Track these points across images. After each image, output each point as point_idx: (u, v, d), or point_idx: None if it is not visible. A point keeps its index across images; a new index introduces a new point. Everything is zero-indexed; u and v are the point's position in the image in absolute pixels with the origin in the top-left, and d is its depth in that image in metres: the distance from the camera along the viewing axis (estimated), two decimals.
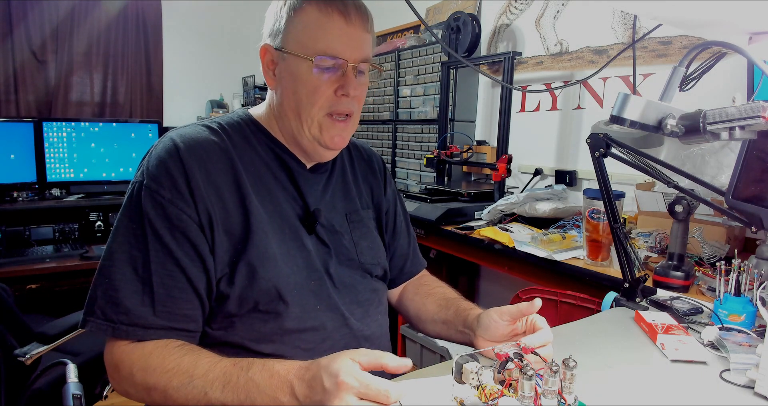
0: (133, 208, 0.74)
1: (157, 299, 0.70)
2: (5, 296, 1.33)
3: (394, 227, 1.04)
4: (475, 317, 0.84)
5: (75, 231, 2.64)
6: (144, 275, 0.71)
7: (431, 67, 2.67)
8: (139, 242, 0.72)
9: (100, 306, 0.70)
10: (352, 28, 0.78)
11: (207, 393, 0.63)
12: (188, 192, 0.73)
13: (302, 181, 0.86)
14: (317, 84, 0.78)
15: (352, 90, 0.79)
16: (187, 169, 0.74)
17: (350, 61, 0.78)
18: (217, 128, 0.82)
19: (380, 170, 1.04)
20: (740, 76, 1.46)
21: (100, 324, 0.70)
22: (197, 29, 3.62)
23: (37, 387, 1.33)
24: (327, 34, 0.77)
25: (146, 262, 0.71)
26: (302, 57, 0.77)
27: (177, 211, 0.72)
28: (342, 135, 0.83)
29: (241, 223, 0.77)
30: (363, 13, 0.80)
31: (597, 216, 1.40)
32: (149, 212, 0.72)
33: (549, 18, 2.29)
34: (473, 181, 2.63)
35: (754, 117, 0.72)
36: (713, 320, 0.97)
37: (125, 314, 0.69)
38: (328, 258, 0.86)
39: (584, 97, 2.14)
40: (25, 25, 2.98)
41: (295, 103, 0.80)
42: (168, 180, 0.73)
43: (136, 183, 0.76)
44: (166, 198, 0.72)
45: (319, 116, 0.80)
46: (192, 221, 0.73)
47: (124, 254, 0.72)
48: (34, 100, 3.08)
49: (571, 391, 0.61)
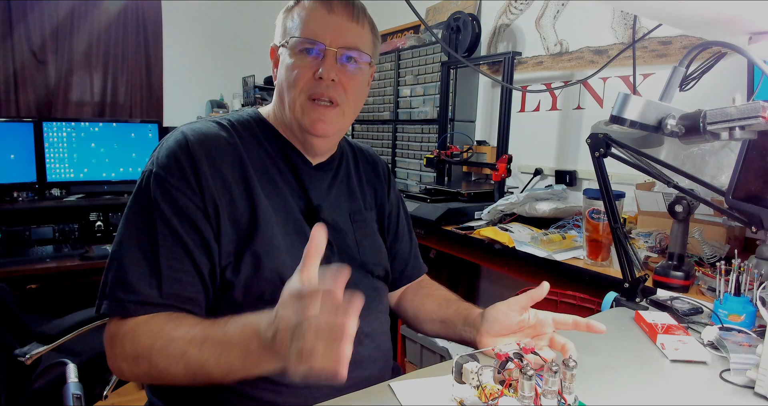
0: (142, 195, 0.76)
1: (164, 281, 0.72)
2: (5, 296, 1.33)
3: (396, 230, 1.05)
4: (478, 314, 0.85)
5: (75, 231, 2.64)
6: (152, 259, 0.73)
7: (431, 67, 2.67)
8: (147, 227, 0.74)
9: (111, 289, 0.72)
10: (334, 16, 0.82)
11: (185, 352, 0.64)
12: (196, 181, 0.76)
13: (306, 177, 0.88)
14: (296, 66, 0.82)
15: (327, 73, 0.80)
16: (196, 160, 0.76)
17: (330, 46, 0.81)
18: (226, 124, 0.85)
19: (384, 174, 1.06)
20: (740, 76, 1.46)
21: (109, 305, 0.71)
22: (197, 29, 3.62)
23: (37, 387, 1.33)
24: (309, 22, 0.82)
25: (154, 246, 0.73)
26: (286, 44, 0.83)
27: (185, 198, 0.75)
28: (324, 120, 0.83)
29: (248, 214, 0.79)
30: (349, 6, 0.83)
31: (597, 216, 1.40)
32: (158, 198, 0.74)
33: (549, 18, 2.29)
34: (473, 181, 2.63)
35: (754, 117, 0.72)
36: (713, 320, 0.97)
37: (133, 294, 0.71)
38: (330, 255, 0.87)
39: (584, 97, 2.14)
40: (25, 25, 2.98)
41: (282, 88, 0.84)
42: (177, 169, 0.76)
43: (146, 172, 0.78)
44: (175, 186, 0.75)
45: (300, 99, 0.82)
46: (198, 209, 0.75)
47: (133, 239, 0.74)
48: (34, 100, 3.08)
49: (571, 391, 0.61)
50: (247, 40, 3.71)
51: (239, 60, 3.73)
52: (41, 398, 1.32)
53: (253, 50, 3.73)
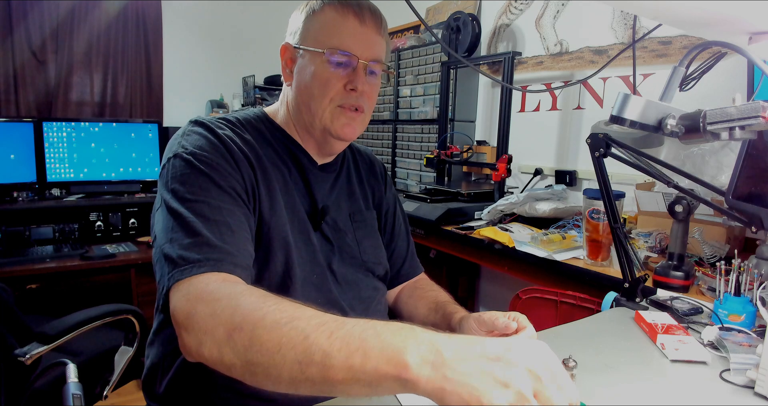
0: (181, 174, 0.72)
1: (237, 237, 0.69)
2: (5, 296, 1.32)
3: (393, 228, 1.06)
4: (457, 322, 0.86)
5: (75, 231, 2.64)
6: (218, 218, 0.69)
7: (431, 67, 2.67)
8: (198, 196, 0.70)
9: (181, 257, 0.64)
10: (365, 28, 0.83)
11: (309, 336, 0.50)
12: (232, 160, 0.76)
13: (312, 178, 0.89)
14: (328, 77, 0.82)
15: (360, 85, 0.83)
16: (224, 142, 0.77)
17: (361, 59, 0.82)
18: (235, 121, 0.85)
19: (381, 174, 1.07)
20: (740, 76, 1.46)
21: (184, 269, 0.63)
22: (197, 29, 3.61)
23: (37, 387, 1.33)
24: (341, 32, 0.82)
25: (216, 208, 0.69)
26: (317, 52, 0.82)
27: (226, 172, 0.74)
28: (352, 125, 0.86)
29: (268, 202, 0.79)
30: (377, 17, 0.85)
31: (597, 216, 1.40)
32: (203, 169, 0.72)
33: (549, 18, 2.29)
34: (473, 181, 2.63)
35: (754, 117, 0.72)
36: (713, 320, 0.97)
37: (209, 247, 0.65)
38: (331, 255, 0.88)
39: (584, 97, 2.15)
40: (25, 25, 2.97)
41: (308, 95, 0.84)
42: (212, 148, 0.75)
43: (177, 154, 0.74)
44: (215, 161, 0.74)
45: (330, 108, 0.84)
46: (239, 184, 0.75)
47: (191, 207, 0.69)
48: (34, 100, 3.07)
49: None
50: (247, 40, 3.71)
51: (239, 60, 3.73)
52: (41, 398, 1.32)
53: (253, 50, 3.73)
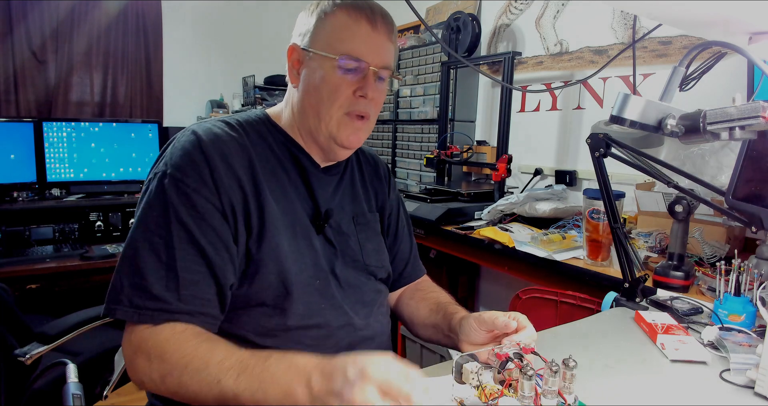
0: (155, 197, 0.74)
1: (181, 283, 0.70)
2: (5, 296, 1.33)
3: (396, 230, 1.05)
4: (458, 321, 0.85)
5: (75, 231, 2.64)
6: (168, 261, 0.71)
7: (431, 67, 2.67)
8: (161, 230, 0.72)
9: (126, 294, 0.69)
10: (377, 34, 0.82)
11: (220, 380, 0.61)
12: (212, 182, 0.75)
13: (315, 181, 0.88)
14: (338, 83, 0.81)
15: (370, 92, 0.82)
16: (210, 160, 0.75)
17: (372, 65, 0.81)
18: (235, 124, 0.84)
19: (385, 176, 1.06)
20: (740, 76, 1.46)
21: (126, 311, 0.69)
22: (197, 29, 3.61)
23: (37, 387, 1.33)
24: (353, 37, 0.81)
25: (170, 248, 0.71)
26: (328, 57, 0.81)
27: (202, 200, 0.73)
28: (357, 134, 0.85)
29: (257, 216, 0.78)
30: (389, 23, 0.84)
31: (597, 216, 1.40)
32: (174, 200, 0.72)
33: (549, 18, 2.29)
34: (473, 181, 2.63)
35: (754, 117, 0.72)
36: (713, 320, 0.97)
37: (151, 300, 0.69)
38: (334, 258, 0.88)
39: (584, 97, 2.15)
40: (25, 25, 2.97)
41: (316, 100, 0.83)
42: (193, 170, 0.74)
43: (158, 173, 0.76)
44: (191, 187, 0.73)
45: (338, 114, 0.83)
46: (216, 210, 0.74)
47: (147, 242, 0.72)
48: (34, 100, 3.07)
49: (571, 391, 0.61)
50: (247, 40, 3.70)
51: (239, 60, 3.73)
52: (41, 398, 1.32)
53: (253, 50, 3.73)
